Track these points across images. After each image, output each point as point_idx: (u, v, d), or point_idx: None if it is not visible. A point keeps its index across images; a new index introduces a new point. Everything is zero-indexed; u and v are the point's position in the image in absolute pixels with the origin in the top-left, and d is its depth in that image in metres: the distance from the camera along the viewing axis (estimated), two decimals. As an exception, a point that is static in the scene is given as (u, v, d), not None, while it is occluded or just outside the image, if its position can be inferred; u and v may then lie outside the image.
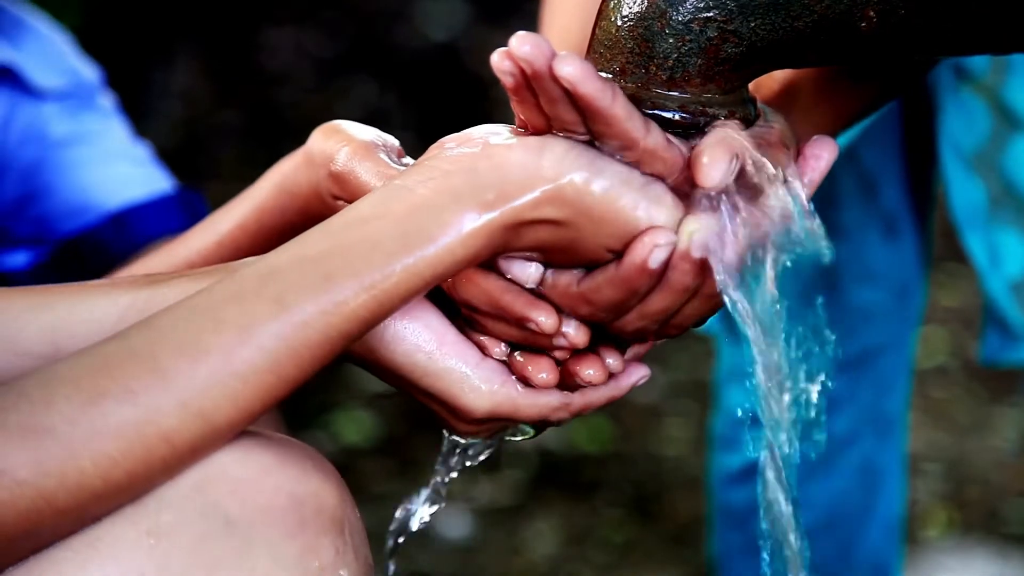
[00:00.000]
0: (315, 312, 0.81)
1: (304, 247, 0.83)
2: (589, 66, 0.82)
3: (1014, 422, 2.42)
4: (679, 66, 0.88)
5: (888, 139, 1.42)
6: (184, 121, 3.15)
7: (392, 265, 0.82)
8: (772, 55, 0.89)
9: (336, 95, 3.31)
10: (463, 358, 0.89)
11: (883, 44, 0.88)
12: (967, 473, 2.32)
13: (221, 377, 0.80)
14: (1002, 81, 1.28)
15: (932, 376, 2.54)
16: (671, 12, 0.87)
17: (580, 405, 0.92)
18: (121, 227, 1.37)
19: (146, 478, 0.80)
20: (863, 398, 1.52)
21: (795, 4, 0.87)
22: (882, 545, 1.58)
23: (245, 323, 0.81)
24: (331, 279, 0.82)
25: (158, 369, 0.80)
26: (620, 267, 0.86)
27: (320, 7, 3.50)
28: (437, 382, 0.90)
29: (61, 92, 1.40)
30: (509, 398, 0.90)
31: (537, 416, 0.91)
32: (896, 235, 1.47)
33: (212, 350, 0.81)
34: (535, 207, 0.84)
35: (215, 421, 0.81)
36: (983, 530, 2.20)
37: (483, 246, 0.84)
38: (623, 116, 0.84)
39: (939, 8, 0.87)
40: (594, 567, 2.12)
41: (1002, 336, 1.37)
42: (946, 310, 2.67)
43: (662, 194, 0.85)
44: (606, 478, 2.29)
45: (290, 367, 0.82)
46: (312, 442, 1.00)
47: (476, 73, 3.35)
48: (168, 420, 0.80)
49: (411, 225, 0.83)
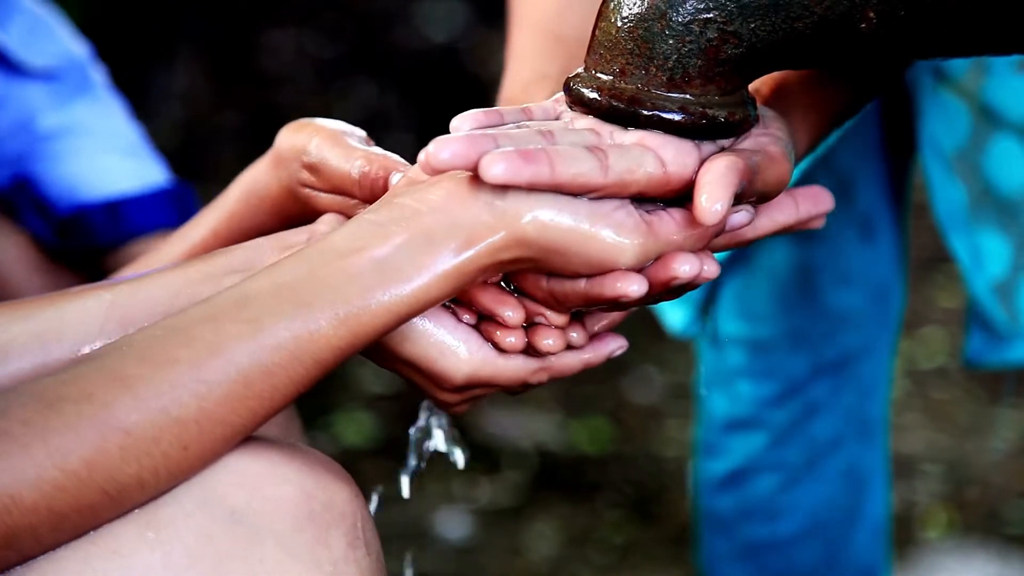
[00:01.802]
0: (289, 337, 0.82)
1: (281, 274, 0.84)
2: (514, 157, 0.83)
3: (1014, 423, 2.42)
4: (679, 67, 0.88)
5: (864, 141, 1.42)
6: (184, 122, 3.15)
7: (367, 300, 0.83)
8: (772, 56, 0.89)
9: (336, 96, 3.31)
10: (440, 322, 0.91)
11: (883, 45, 0.89)
12: (967, 474, 2.32)
13: (187, 382, 0.81)
14: (981, 81, 1.28)
15: (932, 377, 2.54)
16: (671, 13, 0.87)
17: (559, 368, 0.94)
18: (113, 215, 1.37)
19: (106, 467, 0.80)
20: (845, 401, 1.52)
21: (795, 5, 0.87)
22: (869, 548, 1.58)
23: (217, 340, 0.82)
24: (307, 307, 0.83)
25: (122, 376, 0.81)
26: (589, 286, 0.87)
27: (320, 8, 3.50)
28: (415, 347, 0.91)
29: (49, 72, 1.39)
30: (488, 361, 0.91)
31: (517, 379, 0.93)
32: (873, 237, 1.47)
33: (181, 360, 0.81)
34: (504, 249, 0.85)
35: (181, 417, 0.81)
36: (983, 531, 2.20)
37: (456, 285, 0.85)
38: (569, 177, 0.84)
39: (939, 9, 0.87)
40: (594, 568, 2.12)
41: (986, 337, 1.37)
42: (945, 311, 2.67)
43: (623, 221, 0.86)
44: (606, 479, 2.29)
45: (263, 385, 0.82)
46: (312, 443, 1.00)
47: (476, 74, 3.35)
48: (126, 414, 0.80)
49: (387, 264, 0.84)
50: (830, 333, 1.49)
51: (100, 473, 0.80)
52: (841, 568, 1.56)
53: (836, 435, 1.53)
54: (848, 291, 1.48)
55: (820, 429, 1.52)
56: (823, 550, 1.56)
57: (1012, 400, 2.45)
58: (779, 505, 1.54)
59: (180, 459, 0.81)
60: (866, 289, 1.49)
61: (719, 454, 1.56)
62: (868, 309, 1.50)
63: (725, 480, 1.56)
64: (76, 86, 1.42)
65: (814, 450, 1.53)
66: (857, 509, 1.56)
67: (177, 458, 0.81)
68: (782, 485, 1.54)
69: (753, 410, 1.52)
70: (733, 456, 1.54)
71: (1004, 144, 1.30)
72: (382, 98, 3.31)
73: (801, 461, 1.53)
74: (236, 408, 0.82)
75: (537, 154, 0.84)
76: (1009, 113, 1.29)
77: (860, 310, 1.50)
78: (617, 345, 0.96)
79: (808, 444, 1.52)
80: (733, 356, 1.50)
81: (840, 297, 1.48)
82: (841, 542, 1.56)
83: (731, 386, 1.52)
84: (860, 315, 1.50)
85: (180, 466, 0.82)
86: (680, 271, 0.86)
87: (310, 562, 0.82)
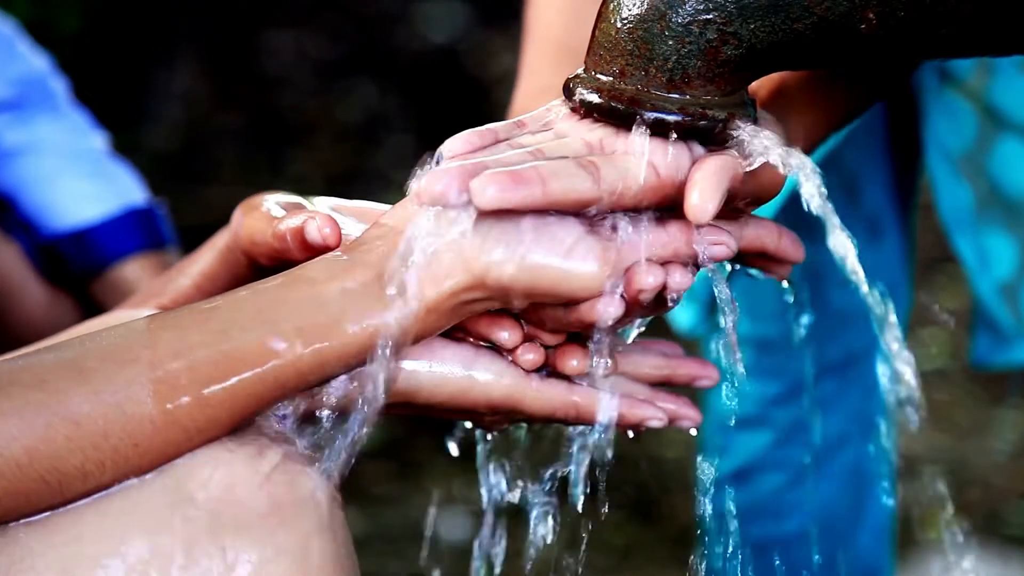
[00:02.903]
0: (253, 351, 0.82)
1: (251, 294, 0.84)
2: (504, 179, 0.82)
3: (1015, 424, 2.42)
4: (679, 68, 0.88)
5: (871, 142, 1.42)
6: (184, 124, 3.15)
7: (339, 326, 0.83)
8: (772, 57, 0.89)
9: (336, 98, 3.31)
10: (459, 356, 0.91)
11: (883, 46, 0.89)
12: (968, 475, 2.32)
13: (145, 381, 0.81)
14: (987, 82, 1.28)
15: (933, 378, 2.54)
16: (671, 14, 0.87)
17: (589, 409, 0.94)
18: (81, 245, 1.36)
19: (50, 456, 0.79)
20: (851, 401, 1.52)
21: (795, 6, 0.87)
22: (873, 548, 1.58)
23: (181, 347, 0.82)
24: (272, 324, 0.83)
25: (80, 368, 0.81)
26: (569, 314, 0.87)
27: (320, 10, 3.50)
28: (444, 390, 0.91)
29: (10, 102, 1.38)
30: (517, 385, 0.91)
31: (545, 410, 0.93)
32: (879, 237, 1.47)
33: (141, 360, 0.81)
34: (466, 291, 0.85)
35: (135, 415, 0.81)
36: (984, 532, 2.20)
37: (425, 327, 0.85)
38: (562, 195, 0.84)
39: (938, 11, 0.87)
40: (595, 569, 2.11)
41: (992, 338, 1.37)
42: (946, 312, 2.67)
43: (588, 251, 0.85)
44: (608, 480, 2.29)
45: (223, 395, 0.82)
46: (313, 445, 1.00)
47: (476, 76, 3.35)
48: (79, 405, 0.80)
49: (356, 296, 0.84)
50: (836, 333, 1.49)
51: (42, 462, 0.79)
52: (845, 567, 1.56)
53: (841, 434, 1.53)
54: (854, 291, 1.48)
55: (825, 428, 1.52)
56: (828, 549, 1.56)
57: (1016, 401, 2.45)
58: (784, 504, 1.54)
59: (129, 456, 0.81)
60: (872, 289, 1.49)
61: (724, 453, 1.56)
62: None
63: (729, 479, 1.56)
64: (37, 102, 1.41)
65: (820, 449, 1.53)
66: (862, 509, 1.56)
67: (126, 454, 0.81)
68: (787, 484, 1.54)
69: (759, 409, 1.52)
70: (737, 455, 1.54)
71: (1010, 145, 1.30)
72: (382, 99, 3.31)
73: (806, 460, 1.53)
74: (194, 414, 0.82)
75: (527, 174, 0.83)
76: (1015, 115, 1.28)
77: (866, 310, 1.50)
78: (655, 416, 0.97)
79: (813, 443, 1.53)
80: None
81: (845, 297, 1.48)
82: (846, 541, 1.56)
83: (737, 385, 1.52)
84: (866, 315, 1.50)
85: (129, 463, 0.81)
86: (644, 283, 0.85)
87: (273, 548, 0.82)
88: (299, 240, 0.92)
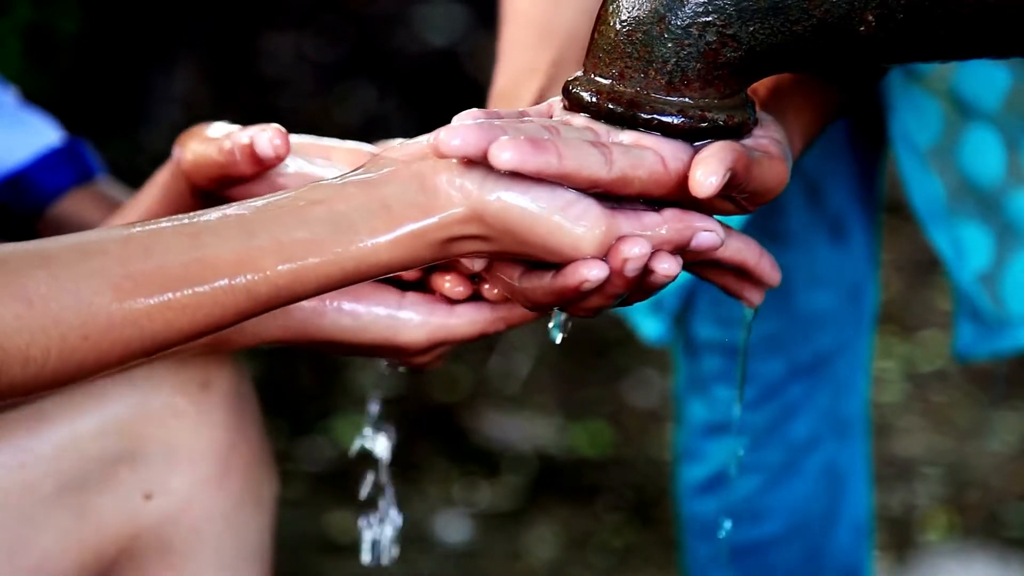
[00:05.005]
0: (228, 258, 0.81)
1: (234, 208, 0.83)
2: (524, 145, 0.83)
3: (1014, 425, 2.42)
4: (678, 70, 0.88)
5: (831, 140, 1.42)
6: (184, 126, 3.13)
7: (316, 245, 0.83)
8: (771, 59, 0.89)
9: (336, 100, 3.31)
10: (384, 303, 0.93)
11: (882, 48, 0.89)
12: (967, 477, 2.32)
13: (110, 274, 0.79)
14: (952, 74, 1.29)
15: (931, 380, 2.54)
16: (670, 17, 0.87)
17: (517, 316, 0.95)
18: (16, 191, 1.37)
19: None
20: (821, 402, 1.52)
21: (794, 8, 0.87)
22: (851, 548, 1.58)
23: (153, 244, 0.80)
24: (253, 236, 0.82)
25: (44, 254, 0.79)
26: (554, 281, 0.87)
27: (320, 12, 3.50)
28: (369, 334, 0.93)
29: None
30: (442, 325, 0.94)
31: (475, 332, 0.95)
32: (844, 238, 1.47)
33: (110, 253, 0.80)
34: (457, 225, 0.85)
35: (92, 305, 0.79)
36: (983, 534, 2.20)
37: (408, 256, 0.85)
38: (575, 170, 0.84)
39: (937, 13, 0.87)
40: (594, 572, 2.12)
41: (976, 329, 1.37)
42: (944, 313, 2.67)
43: (587, 212, 0.85)
44: (606, 483, 2.29)
45: (189, 300, 0.80)
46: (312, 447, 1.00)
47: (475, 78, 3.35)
48: (35, 286, 0.78)
49: (341, 218, 0.83)
50: (804, 335, 1.49)
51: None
52: (824, 568, 1.57)
53: (813, 435, 1.53)
54: (821, 292, 1.48)
55: (797, 430, 1.52)
56: (805, 550, 1.56)
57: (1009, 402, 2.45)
58: (760, 507, 1.55)
59: (75, 347, 0.79)
60: (839, 289, 1.50)
61: (699, 459, 1.56)
62: (841, 309, 1.50)
63: (706, 484, 1.56)
64: None
65: (792, 451, 1.53)
66: (837, 508, 1.56)
67: (73, 345, 0.79)
68: (762, 487, 1.54)
69: (731, 414, 1.52)
70: (713, 460, 1.55)
71: (979, 134, 1.30)
72: (381, 102, 3.31)
73: (780, 462, 1.53)
74: (152, 314, 0.80)
75: (546, 143, 0.83)
76: (982, 103, 1.29)
77: (833, 311, 1.50)
78: None
79: (786, 445, 1.53)
80: (709, 362, 1.51)
81: (813, 299, 1.48)
82: (823, 541, 1.56)
83: (708, 391, 1.52)
84: (834, 316, 1.50)
85: (73, 355, 0.79)
86: (630, 252, 0.85)
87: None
88: (248, 154, 0.92)
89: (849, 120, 1.42)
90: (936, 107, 1.30)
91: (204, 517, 1.00)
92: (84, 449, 0.96)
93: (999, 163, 1.30)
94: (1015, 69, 1.27)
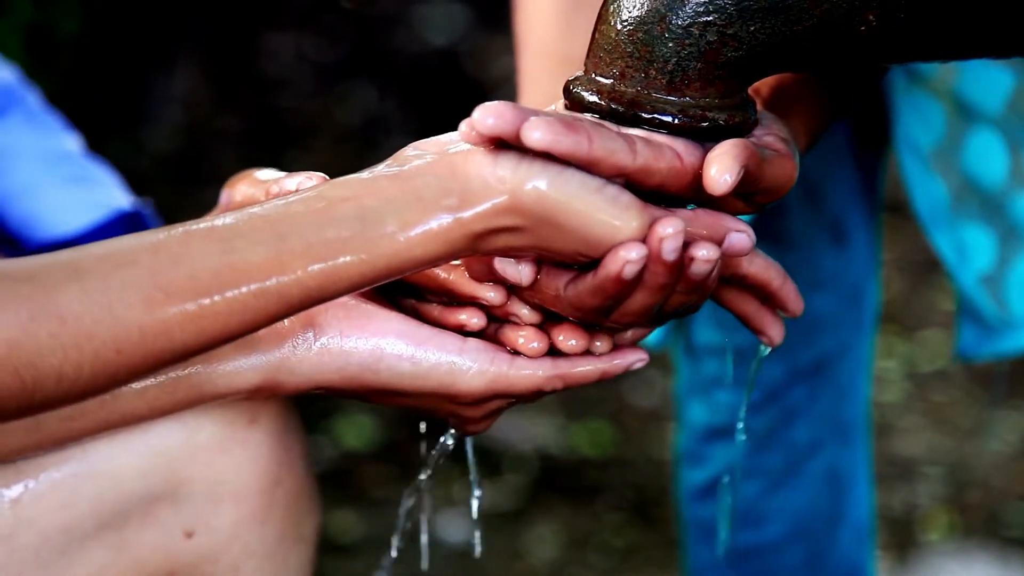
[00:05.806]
0: (259, 262, 0.80)
1: (262, 209, 0.82)
2: (556, 124, 0.82)
3: (1014, 425, 2.42)
4: (679, 70, 0.88)
5: (832, 142, 1.42)
6: (184, 126, 3.15)
7: (345, 245, 0.81)
8: (772, 59, 0.89)
9: (336, 100, 3.31)
10: (444, 348, 0.90)
11: (883, 48, 0.89)
12: (968, 477, 2.32)
13: (141, 285, 0.78)
14: (955, 77, 1.29)
15: (932, 380, 2.54)
16: (671, 16, 0.87)
17: (575, 376, 0.93)
18: None
19: (29, 351, 0.77)
20: (823, 405, 1.52)
21: (794, 8, 0.87)
22: (853, 551, 1.58)
23: (183, 252, 0.80)
24: (283, 239, 0.81)
25: (75, 267, 0.78)
26: (596, 277, 0.86)
27: (320, 12, 3.50)
28: (428, 382, 0.90)
29: None
30: (501, 373, 0.91)
31: (531, 387, 0.92)
32: (844, 240, 1.47)
33: (140, 264, 0.79)
34: (495, 215, 0.83)
35: (125, 319, 0.78)
36: (984, 534, 2.20)
37: (442, 250, 0.84)
38: (604, 155, 0.84)
39: (938, 12, 0.87)
40: (595, 572, 2.12)
41: (978, 330, 1.37)
42: (945, 313, 2.67)
43: (620, 196, 0.84)
44: (607, 482, 2.29)
45: (220, 307, 0.80)
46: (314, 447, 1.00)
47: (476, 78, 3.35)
48: (67, 302, 0.77)
49: (371, 214, 0.82)
50: (805, 338, 1.49)
51: (21, 356, 0.77)
52: (826, 571, 1.56)
53: (814, 439, 1.53)
54: (821, 296, 1.48)
55: (798, 433, 1.52)
56: (807, 554, 1.56)
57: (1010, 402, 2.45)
58: (762, 511, 1.54)
59: (109, 361, 0.78)
60: (839, 293, 1.49)
61: (700, 463, 1.56)
62: (842, 312, 1.50)
63: (706, 488, 1.56)
64: (8, 107, 1.39)
65: (793, 454, 1.53)
66: (839, 511, 1.56)
67: (107, 360, 0.78)
68: (764, 491, 1.54)
69: (732, 418, 1.52)
70: (714, 464, 1.55)
71: (982, 136, 1.30)
72: (382, 102, 3.31)
73: (781, 466, 1.53)
74: (185, 324, 0.79)
75: (577, 125, 0.83)
76: (985, 106, 1.29)
77: (834, 314, 1.50)
78: (637, 358, 0.94)
79: (787, 449, 1.53)
80: (710, 365, 1.51)
81: (813, 302, 1.48)
82: (825, 545, 1.56)
83: (709, 395, 1.52)
84: (834, 319, 1.50)
85: (107, 369, 0.78)
86: (665, 231, 0.83)
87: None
88: None
89: (849, 122, 1.42)
90: (939, 110, 1.30)
91: (244, 554, 0.98)
92: (128, 488, 0.94)
93: (1002, 165, 1.31)
94: (1018, 71, 1.27)
